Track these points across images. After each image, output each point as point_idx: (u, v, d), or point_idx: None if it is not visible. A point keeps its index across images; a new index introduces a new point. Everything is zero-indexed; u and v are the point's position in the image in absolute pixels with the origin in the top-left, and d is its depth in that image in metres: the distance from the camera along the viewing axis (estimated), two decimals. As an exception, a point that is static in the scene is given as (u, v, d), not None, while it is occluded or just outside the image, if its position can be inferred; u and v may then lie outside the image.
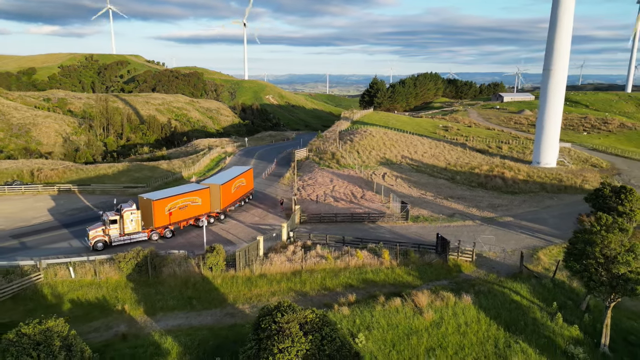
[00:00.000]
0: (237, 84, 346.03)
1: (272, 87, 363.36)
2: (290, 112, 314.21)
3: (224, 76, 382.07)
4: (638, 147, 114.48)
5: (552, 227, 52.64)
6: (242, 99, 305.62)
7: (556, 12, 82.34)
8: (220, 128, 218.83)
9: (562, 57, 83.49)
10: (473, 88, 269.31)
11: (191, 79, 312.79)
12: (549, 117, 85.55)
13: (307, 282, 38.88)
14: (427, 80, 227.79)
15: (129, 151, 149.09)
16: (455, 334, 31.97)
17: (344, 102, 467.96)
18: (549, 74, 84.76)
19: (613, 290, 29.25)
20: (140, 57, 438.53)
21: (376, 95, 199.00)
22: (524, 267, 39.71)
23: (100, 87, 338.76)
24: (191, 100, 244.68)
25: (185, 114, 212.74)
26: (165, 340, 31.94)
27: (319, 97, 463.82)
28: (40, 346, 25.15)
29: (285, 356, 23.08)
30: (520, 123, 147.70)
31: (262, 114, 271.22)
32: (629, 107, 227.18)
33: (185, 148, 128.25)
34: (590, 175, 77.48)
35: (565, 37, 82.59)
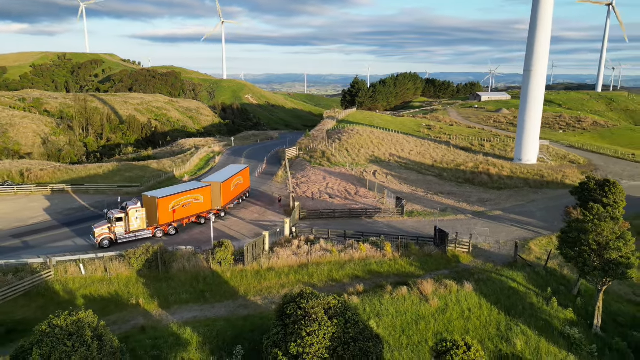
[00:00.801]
0: (215, 84, 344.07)
1: (251, 86, 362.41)
2: (270, 111, 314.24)
3: (202, 75, 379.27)
4: (611, 144, 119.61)
5: (539, 219, 55.53)
6: (221, 98, 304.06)
7: (536, 15, 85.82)
8: (201, 128, 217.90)
9: (542, 59, 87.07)
10: (450, 88, 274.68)
11: (169, 78, 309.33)
12: (529, 116, 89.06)
13: (315, 274, 40.46)
14: (406, 80, 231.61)
15: (110, 151, 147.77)
16: (460, 319, 34.06)
17: (322, 101, 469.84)
18: (529, 74, 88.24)
19: (605, 275, 31.76)
20: (115, 56, 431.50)
21: (358, 95, 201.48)
22: (518, 257, 42.17)
23: (75, 87, 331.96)
24: (170, 100, 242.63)
25: (165, 114, 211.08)
26: (184, 331, 33.14)
27: (297, 96, 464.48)
28: (73, 336, 26.07)
29: (314, 339, 24.64)
30: (499, 122, 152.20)
31: (242, 114, 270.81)
32: (600, 106, 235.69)
33: (171, 148, 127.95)
34: (570, 171, 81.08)
35: (545, 40, 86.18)
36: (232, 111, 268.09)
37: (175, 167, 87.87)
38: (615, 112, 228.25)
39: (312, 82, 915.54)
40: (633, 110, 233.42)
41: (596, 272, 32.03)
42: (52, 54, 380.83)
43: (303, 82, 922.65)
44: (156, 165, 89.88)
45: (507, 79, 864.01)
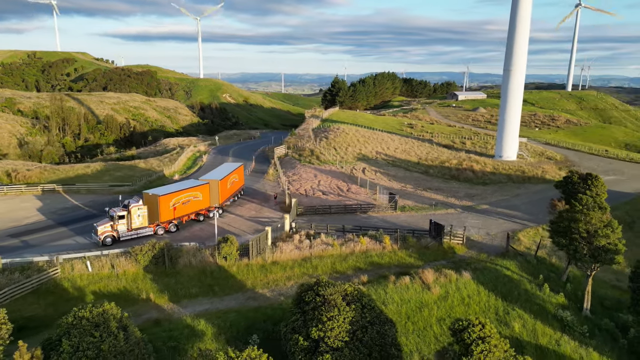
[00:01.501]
0: (192, 83, 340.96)
1: (229, 85, 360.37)
2: (249, 111, 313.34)
3: (178, 74, 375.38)
4: (584, 141, 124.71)
5: (525, 212, 58.36)
6: (199, 97, 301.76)
7: (515, 17, 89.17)
8: (180, 127, 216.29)
9: (521, 59, 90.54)
10: (427, 87, 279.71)
11: (144, 77, 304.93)
12: (509, 114, 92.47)
13: (319, 267, 41.98)
14: (385, 79, 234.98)
15: (89, 152, 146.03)
16: (461, 305, 36.13)
17: (300, 100, 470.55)
18: (509, 74, 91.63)
19: (595, 261, 34.26)
20: (87, 55, 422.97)
21: (338, 94, 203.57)
22: (510, 247, 44.58)
23: (46, 86, 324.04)
24: (147, 99, 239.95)
25: (142, 114, 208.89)
26: (198, 323, 34.23)
27: (275, 95, 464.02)
28: (99, 327, 27.01)
29: (335, 323, 26.18)
30: (478, 120, 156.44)
31: (221, 113, 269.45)
32: (570, 105, 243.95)
33: (154, 147, 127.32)
34: (548, 167, 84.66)
35: (523, 41, 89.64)
36: (210, 110, 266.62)
37: (164, 166, 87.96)
38: (585, 111, 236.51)
39: (289, 82, 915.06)
40: (602, 109, 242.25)
41: (586, 258, 34.51)
42: (22, 52, 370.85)
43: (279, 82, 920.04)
44: (144, 164, 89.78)
45: (480, 78, 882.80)
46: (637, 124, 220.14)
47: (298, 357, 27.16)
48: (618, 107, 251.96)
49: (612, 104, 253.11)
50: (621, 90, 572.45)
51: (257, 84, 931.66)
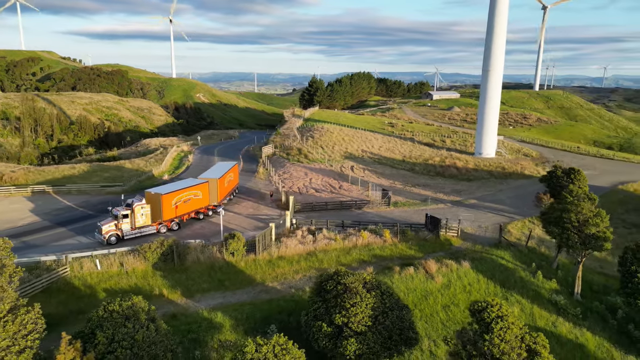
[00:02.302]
0: (165, 82, 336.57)
1: (203, 85, 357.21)
2: (223, 110, 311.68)
3: (150, 74, 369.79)
4: (556, 138, 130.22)
5: (511, 206, 61.44)
6: (172, 97, 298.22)
7: (492, 21, 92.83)
8: (154, 128, 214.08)
9: (499, 60, 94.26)
10: (401, 87, 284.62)
11: (115, 77, 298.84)
12: (488, 112, 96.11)
13: (324, 260, 43.60)
14: (361, 79, 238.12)
15: (64, 153, 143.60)
16: (463, 292, 38.41)
17: (275, 100, 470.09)
18: (487, 74, 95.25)
19: (585, 247, 37.06)
20: (54, 54, 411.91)
21: (316, 94, 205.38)
22: (502, 238, 47.25)
23: (10, 86, 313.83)
24: (120, 99, 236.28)
25: (115, 114, 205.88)
26: (215, 315, 35.39)
27: (249, 95, 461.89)
28: (130, 319, 27.96)
29: (358, 309, 27.89)
30: (454, 119, 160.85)
31: (196, 113, 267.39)
32: (538, 104, 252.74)
33: (135, 148, 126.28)
34: (526, 163, 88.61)
35: (501, 42, 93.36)
36: (185, 110, 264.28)
37: (150, 166, 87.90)
38: (553, 110, 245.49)
39: (261, 81, 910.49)
40: (568, 108, 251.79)
41: (577, 245, 37.28)
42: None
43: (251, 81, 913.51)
44: (130, 165, 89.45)
45: (449, 78, 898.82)
46: (601, 122, 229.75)
47: (322, 342, 28.77)
48: (583, 105, 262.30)
49: (577, 102, 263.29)
50: (584, 89, 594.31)
51: (229, 83, 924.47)
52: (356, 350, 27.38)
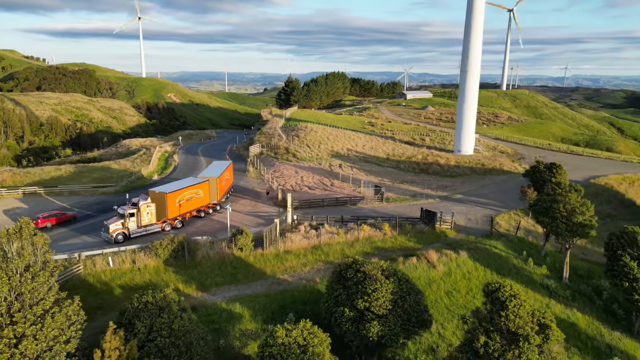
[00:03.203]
0: (134, 82, 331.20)
1: (174, 85, 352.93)
2: (195, 110, 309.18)
3: (118, 73, 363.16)
4: (527, 136, 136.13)
5: (495, 200, 65.02)
6: (142, 97, 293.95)
7: (470, 23, 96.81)
8: (127, 128, 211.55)
9: (476, 61, 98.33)
10: (375, 87, 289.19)
11: (82, 76, 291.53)
12: (467, 111, 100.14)
13: (330, 253, 45.73)
14: (336, 79, 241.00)
15: (37, 155, 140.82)
16: (463, 280, 41.25)
17: (247, 100, 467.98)
18: (465, 75, 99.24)
19: (573, 235, 40.46)
20: (16, 53, 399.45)
21: (292, 94, 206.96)
22: (493, 229, 50.47)
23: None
24: (90, 99, 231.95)
25: (86, 114, 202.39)
26: (234, 306, 37.06)
27: (220, 95, 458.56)
28: (164, 310, 29.46)
29: (379, 293, 30.15)
30: (429, 118, 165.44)
31: (169, 113, 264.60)
32: (506, 103, 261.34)
33: (116, 149, 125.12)
34: (503, 160, 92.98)
35: (478, 44, 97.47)
36: (157, 110, 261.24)
37: (137, 167, 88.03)
38: (519, 108, 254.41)
39: (231, 80, 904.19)
40: (534, 107, 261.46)
41: (566, 233, 40.65)
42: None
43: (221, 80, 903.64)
44: (117, 166, 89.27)
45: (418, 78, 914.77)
46: (564, 120, 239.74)
47: (345, 326, 30.94)
48: (547, 104, 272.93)
49: (542, 101, 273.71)
50: (546, 89, 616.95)
51: (198, 82, 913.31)
52: (378, 332, 29.66)
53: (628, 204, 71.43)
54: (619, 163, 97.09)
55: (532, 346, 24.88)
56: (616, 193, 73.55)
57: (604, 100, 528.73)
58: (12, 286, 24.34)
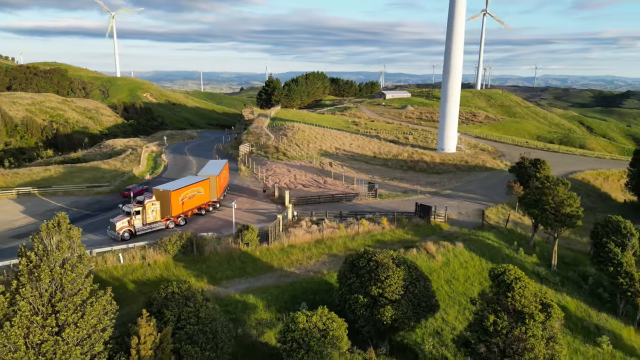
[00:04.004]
0: (109, 82, 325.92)
1: (150, 84, 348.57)
2: (172, 110, 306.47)
3: (91, 73, 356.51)
4: (504, 134, 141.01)
5: (482, 195, 68.19)
6: (117, 97, 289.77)
7: (452, 26, 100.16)
8: (104, 129, 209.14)
9: (458, 61, 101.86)
10: (353, 87, 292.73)
11: (54, 76, 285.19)
12: (449, 111, 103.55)
13: (333, 247, 47.74)
14: (316, 79, 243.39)
15: (15, 156, 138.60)
16: (460, 269, 43.87)
17: (224, 100, 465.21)
18: (448, 75, 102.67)
19: (561, 225, 43.55)
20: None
21: (273, 93, 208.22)
22: (484, 222, 53.36)
23: None
24: (65, 99, 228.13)
25: (61, 115, 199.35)
26: (247, 298, 38.75)
27: (197, 94, 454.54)
28: (190, 300, 31.05)
29: (392, 280, 32.33)
30: (410, 117, 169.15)
31: (146, 113, 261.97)
32: (481, 102, 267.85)
33: (100, 149, 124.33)
34: (485, 157, 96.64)
35: (460, 45, 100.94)
36: (135, 110, 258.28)
37: (126, 167, 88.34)
38: (494, 108, 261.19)
39: (206, 80, 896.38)
40: (507, 106, 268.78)
41: (554, 223, 43.70)
42: None
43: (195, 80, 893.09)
44: (106, 166, 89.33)
45: (393, 78, 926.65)
46: (537, 119, 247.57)
47: (359, 312, 33.02)
48: (520, 104, 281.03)
49: (515, 101, 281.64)
50: (517, 88, 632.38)
51: (172, 82, 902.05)
52: (392, 315, 31.84)
53: (604, 198, 75.78)
54: (593, 159, 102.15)
55: (537, 323, 27.46)
56: (593, 187, 77.86)
57: (573, 100, 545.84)
58: (53, 277, 25.55)
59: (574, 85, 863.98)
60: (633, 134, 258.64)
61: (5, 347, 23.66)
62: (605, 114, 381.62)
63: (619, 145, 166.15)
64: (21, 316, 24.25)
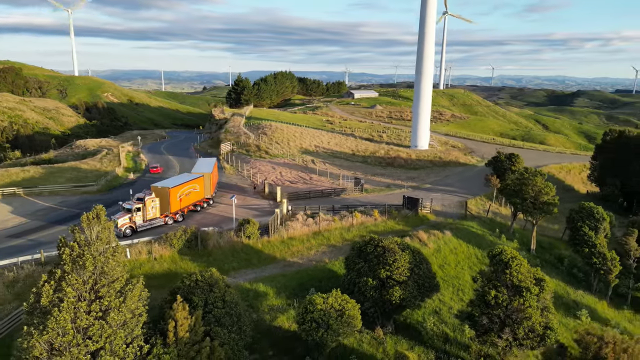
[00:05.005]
0: (66, 81, 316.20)
1: (110, 83, 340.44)
2: (135, 110, 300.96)
3: (47, 72, 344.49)
4: (471, 132, 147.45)
5: (460, 188, 72.48)
6: (77, 97, 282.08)
7: (423, 27, 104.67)
8: (66, 130, 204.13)
9: (429, 63, 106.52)
10: (320, 86, 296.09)
11: (7, 75, 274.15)
12: (422, 109, 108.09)
13: (330, 238, 50.39)
14: (284, 78, 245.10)
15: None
16: (451, 254, 47.44)
17: (187, 99, 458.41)
18: (420, 76, 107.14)
19: (540, 212, 47.79)
20: None
21: (243, 93, 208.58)
22: (467, 212, 57.32)
23: None
24: (22, 99, 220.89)
25: (20, 115, 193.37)
26: (257, 286, 40.93)
27: (159, 94, 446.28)
28: (214, 286, 33.02)
29: (399, 263, 35.30)
30: (380, 116, 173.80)
31: (109, 113, 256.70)
32: (445, 102, 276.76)
33: (72, 150, 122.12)
34: (456, 153, 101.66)
35: (431, 48, 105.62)
36: (97, 111, 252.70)
37: (106, 166, 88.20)
38: (457, 107, 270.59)
39: (167, 79, 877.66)
40: (469, 105, 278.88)
41: (534, 211, 47.93)
42: None
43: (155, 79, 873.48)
44: (86, 166, 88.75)
45: (356, 77, 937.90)
46: (497, 117, 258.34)
47: (369, 293, 35.83)
48: (481, 103, 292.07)
49: (476, 100, 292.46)
50: (476, 88, 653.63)
51: (130, 81, 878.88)
52: (400, 295, 34.82)
53: (568, 189, 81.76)
54: (555, 154, 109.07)
55: (533, 295, 31.05)
56: (557, 180, 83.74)
57: (528, 99, 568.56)
58: (96, 265, 27.07)
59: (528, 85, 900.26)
60: (585, 131, 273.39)
61: (54, 331, 25.09)
62: (558, 112, 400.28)
63: (574, 141, 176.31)
64: (68, 302, 25.70)
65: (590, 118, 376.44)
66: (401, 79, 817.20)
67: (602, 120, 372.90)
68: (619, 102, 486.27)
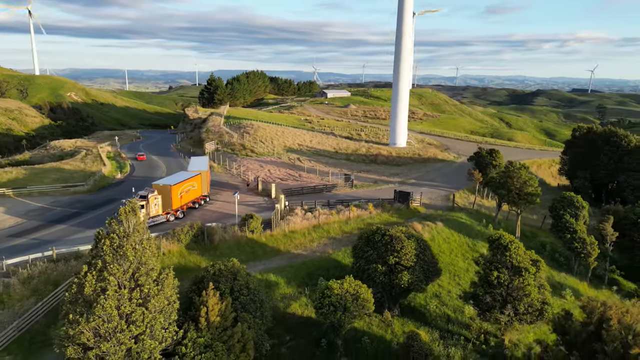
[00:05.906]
0: (27, 80, 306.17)
1: (74, 83, 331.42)
2: (100, 110, 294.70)
3: (5, 70, 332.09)
4: (445, 129, 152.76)
5: (442, 182, 76.20)
6: (39, 97, 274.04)
7: (401, 32, 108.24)
8: (31, 130, 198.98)
9: (407, 63, 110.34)
10: (292, 86, 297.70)
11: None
12: (400, 108, 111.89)
13: (330, 230, 52.78)
14: (257, 78, 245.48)
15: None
16: (444, 243, 50.67)
17: (154, 99, 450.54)
18: (398, 76, 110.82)
19: (524, 202, 51.63)
20: None
21: (216, 92, 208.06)
22: (455, 205, 60.83)
23: None
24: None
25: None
26: (268, 276, 42.98)
27: (125, 94, 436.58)
28: (237, 274, 34.94)
29: (407, 250, 38.07)
30: (355, 115, 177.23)
31: (75, 114, 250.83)
32: (414, 101, 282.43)
33: (47, 151, 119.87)
34: (434, 151, 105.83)
35: (409, 47, 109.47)
36: (62, 111, 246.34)
37: (89, 167, 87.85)
38: (425, 106, 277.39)
39: (130, 78, 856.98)
40: (437, 104, 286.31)
41: (519, 201, 51.74)
42: None
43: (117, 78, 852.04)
44: (69, 166, 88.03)
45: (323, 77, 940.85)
46: (463, 116, 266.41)
47: (379, 279, 38.49)
48: (448, 102, 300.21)
49: (444, 99, 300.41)
50: (441, 87, 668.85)
51: (91, 80, 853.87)
52: (408, 279, 37.60)
53: (540, 183, 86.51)
54: (525, 150, 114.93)
55: (530, 274, 34.39)
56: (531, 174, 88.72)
57: (491, 98, 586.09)
58: (135, 255, 28.59)
59: (490, 84, 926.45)
60: (545, 128, 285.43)
61: (100, 318, 26.53)
62: (519, 111, 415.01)
63: (539, 138, 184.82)
64: (112, 290, 27.15)
65: (549, 116, 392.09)
66: (368, 78, 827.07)
67: (560, 119, 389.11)
68: (576, 101, 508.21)
